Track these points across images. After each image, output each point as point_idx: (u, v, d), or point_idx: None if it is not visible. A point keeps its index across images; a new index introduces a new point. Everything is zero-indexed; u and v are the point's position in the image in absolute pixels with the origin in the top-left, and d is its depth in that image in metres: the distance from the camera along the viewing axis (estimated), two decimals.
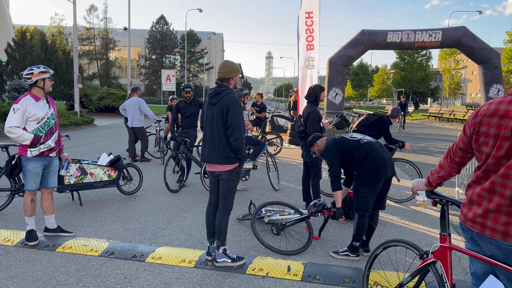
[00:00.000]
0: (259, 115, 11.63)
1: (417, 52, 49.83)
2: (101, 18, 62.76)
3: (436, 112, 31.03)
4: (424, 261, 2.61)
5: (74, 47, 21.12)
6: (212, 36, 73.79)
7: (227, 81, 4.02)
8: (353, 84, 66.49)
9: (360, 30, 17.68)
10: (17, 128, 4.21)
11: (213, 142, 3.95)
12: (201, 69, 70.94)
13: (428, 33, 17.60)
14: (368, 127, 6.76)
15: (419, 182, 2.68)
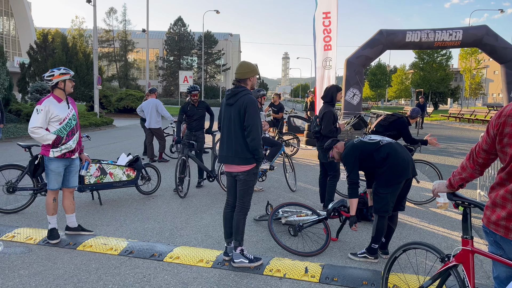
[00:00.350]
0: (276, 115, 11.61)
1: (437, 52, 48.99)
2: (120, 21, 63.85)
3: (456, 113, 30.47)
4: (446, 265, 2.56)
5: (94, 49, 21.50)
6: (229, 37, 74.12)
7: (244, 82, 4.02)
8: (371, 84, 65.80)
9: (378, 30, 17.49)
10: (40, 128, 4.31)
11: (230, 143, 3.97)
12: (218, 70, 71.31)
13: (448, 32, 17.29)
14: (387, 128, 6.68)
15: (440, 184, 2.63)
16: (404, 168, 4.05)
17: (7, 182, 5.65)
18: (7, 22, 49.10)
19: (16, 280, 3.66)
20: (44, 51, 27.92)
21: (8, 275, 3.76)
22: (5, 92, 16.64)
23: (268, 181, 8.13)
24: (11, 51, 49.33)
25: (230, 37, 74.58)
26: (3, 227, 5.04)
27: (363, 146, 4.25)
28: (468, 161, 2.42)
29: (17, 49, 50.14)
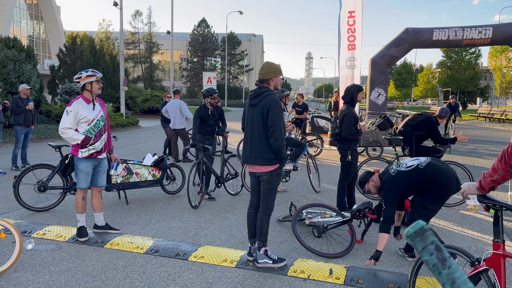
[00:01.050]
0: (299, 116, 11.56)
1: (465, 50, 47.64)
2: (146, 23, 64.86)
3: (486, 113, 29.57)
4: (476, 269, 2.50)
5: (120, 51, 21.96)
6: (252, 38, 74.32)
7: (266, 82, 4.03)
8: (396, 84, 64.60)
9: (404, 29, 17.17)
10: (70, 129, 4.44)
11: (253, 143, 3.98)
12: (241, 71, 71.62)
13: (477, 30, 16.81)
14: (415, 127, 6.53)
15: (470, 186, 2.56)
16: (451, 185, 3.87)
17: (38, 181, 5.84)
18: (38, 26, 50.73)
19: (47, 276, 3.78)
20: (73, 53, 28.71)
21: (39, 271, 3.88)
22: (36, 94, 17.20)
23: (292, 182, 8.11)
24: (42, 54, 50.95)
25: (253, 38, 74.78)
26: (34, 224, 5.21)
27: (402, 180, 3.97)
28: (499, 163, 2.35)
29: (47, 52, 51.74)
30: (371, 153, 11.76)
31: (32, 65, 17.17)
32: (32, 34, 49.81)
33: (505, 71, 45.87)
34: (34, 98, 17.06)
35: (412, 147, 6.63)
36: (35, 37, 50.41)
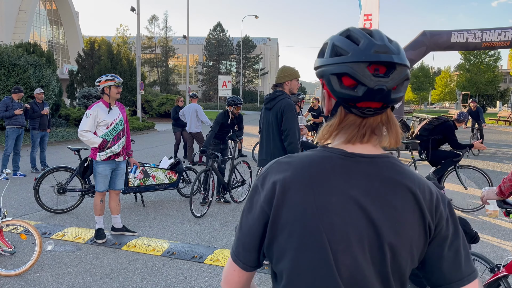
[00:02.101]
0: (316, 120, 11.53)
1: (484, 53, 46.85)
2: (162, 27, 65.78)
3: (506, 116, 28.98)
4: (495, 275, 2.46)
5: (137, 56, 22.28)
6: (267, 41, 74.53)
7: (281, 86, 4.05)
8: (413, 87, 63.87)
9: (421, 31, 16.99)
10: (88, 132, 4.53)
11: (268, 147, 4.01)
12: (256, 75, 71.82)
13: (497, 32, 16.53)
14: (432, 131, 6.46)
15: (489, 190, 2.53)
16: None
17: (58, 184, 5.96)
18: (57, 31, 51.83)
19: (66, 277, 3.85)
20: (91, 58, 29.25)
21: (58, 272, 3.96)
22: (55, 98, 17.57)
23: None
24: (61, 59, 52.01)
25: (268, 41, 74.95)
26: (54, 226, 5.32)
27: None
28: None
29: (66, 56, 52.81)
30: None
31: (52, 69, 17.57)
32: (51, 39, 50.91)
33: None
34: (53, 102, 17.44)
35: (429, 151, 6.55)
36: (55, 42, 51.50)
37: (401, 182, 0.97)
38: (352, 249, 0.92)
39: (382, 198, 0.95)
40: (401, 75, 0.94)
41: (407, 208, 0.95)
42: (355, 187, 0.95)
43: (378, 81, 0.92)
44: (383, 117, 1.01)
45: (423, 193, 0.98)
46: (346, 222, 0.93)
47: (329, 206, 0.94)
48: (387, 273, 0.94)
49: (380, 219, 0.94)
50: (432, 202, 0.98)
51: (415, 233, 0.96)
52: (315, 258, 0.93)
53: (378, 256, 0.93)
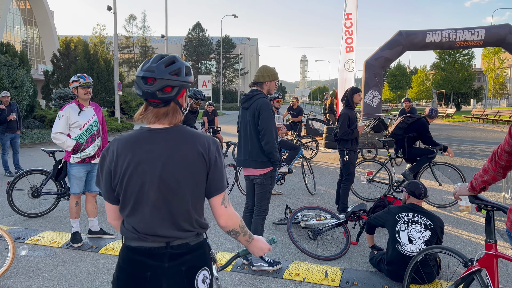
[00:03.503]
0: (295, 119, 11.59)
1: (458, 52, 47.99)
2: (140, 27, 65.05)
3: (479, 114, 29.78)
4: (469, 269, 2.51)
5: (114, 56, 21.92)
6: (246, 41, 74.49)
7: (260, 85, 4.04)
8: (391, 86, 64.94)
9: (398, 31, 17.29)
10: (61, 134, 4.42)
11: (246, 146, 4.00)
12: (236, 74, 71.74)
13: (470, 32, 16.96)
14: (406, 130, 6.61)
15: (461, 186, 2.58)
16: None
17: (32, 187, 5.81)
18: (31, 30, 50.57)
19: (41, 282, 3.75)
20: (67, 58, 28.63)
21: (33, 277, 3.86)
22: (29, 99, 17.12)
23: (287, 185, 8.12)
24: (35, 59, 50.76)
25: (247, 41, 74.92)
26: (28, 230, 5.18)
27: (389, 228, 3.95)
28: (490, 163, 2.37)
29: (41, 57, 51.57)
30: (366, 155, 11.80)
31: (26, 70, 17.11)
32: (25, 39, 49.64)
33: (498, 72, 46.26)
34: (28, 103, 16.99)
35: (405, 149, 6.69)
36: (29, 42, 50.23)
37: (186, 138, 1.66)
38: (156, 180, 1.60)
39: (174, 149, 1.62)
40: (161, 84, 1.60)
41: (189, 151, 1.63)
42: (157, 146, 1.62)
43: (146, 87, 1.61)
44: (169, 107, 1.67)
45: (200, 141, 1.67)
46: (151, 167, 1.60)
47: (142, 159, 1.61)
48: (178, 189, 1.62)
49: (171, 162, 1.61)
50: (204, 144, 1.67)
51: (197, 165, 1.63)
52: (136, 189, 1.62)
53: (172, 182, 1.61)
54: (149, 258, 1.60)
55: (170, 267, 1.60)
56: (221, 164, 1.70)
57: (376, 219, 4.04)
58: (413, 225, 3.77)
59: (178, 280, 1.59)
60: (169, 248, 1.62)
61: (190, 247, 1.65)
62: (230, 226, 1.73)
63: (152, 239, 1.61)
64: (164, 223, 1.62)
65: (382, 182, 7.10)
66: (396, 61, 61.13)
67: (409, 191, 3.97)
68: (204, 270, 1.67)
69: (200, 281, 1.63)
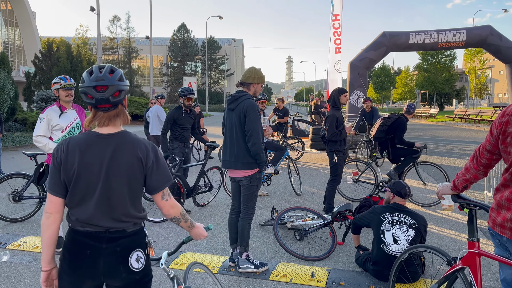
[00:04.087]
0: (281, 120, 11.61)
1: (441, 53, 48.79)
2: (124, 28, 64.25)
3: (462, 114, 30.31)
4: (452, 268, 2.54)
5: (98, 57, 21.66)
6: (232, 42, 74.41)
7: (247, 86, 4.03)
8: (375, 86, 65.65)
9: (381, 32, 17.49)
10: (43, 137, 4.34)
11: (232, 148, 3.97)
12: (221, 76, 71.59)
13: (452, 33, 17.25)
14: (387, 132, 6.75)
15: (444, 186, 2.61)
16: None
17: (13, 191, 5.68)
18: (12, 31, 49.62)
19: None
20: (49, 60, 28.17)
21: (14, 284, 3.77)
22: (10, 102, 16.78)
23: (273, 186, 8.12)
24: (17, 61, 49.81)
25: (233, 42, 74.83)
26: (9, 236, 5.06)
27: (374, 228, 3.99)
28: (471, 162, 2.40)
29: (23, 58, 50.63)
30: (351, 155, 11.89)
31: (7, 72, 16.79)
32: (6, 41, 48.67)
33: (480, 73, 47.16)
34: (8, 105, 16.65)
35: (389, 150, 6.80)
36: (10, 44, 49.28)
37: (128, 144, 1.89)
38: (100, 181, 1.86)
39: (117, 154, 1.87)
40: (113, 90, 1.85)
41: (129, 157, 1.88)
42: (103, 151, 1.87)
43: (99, 95, 1.83)
44: (118, 109, 1.92)
45: (140, 148, 1.91)
46: (97, 169, 1.85)
47: (90, 162, 1.86)
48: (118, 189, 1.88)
49: (114, 166, 1.86)
50: (144, 151, 1.91)
51: (136, 169, 1.89)
52: (83, 186, 1.87)
53: (114, 183, 1.87)
54: (89, 239, 1.87)
55: (107, 248, 1.87)
56: (159, 167, 1.96)
57: (361, 220, 4.06)
58: (397, 224, 3.80)
59: (113, 258, 1.87)
60: (107, 233, 1.89)
61: (126, 233, 1.92)
62: (172, 215, 2.05)
63: (93, 227, 1.88)
64: (105, 216, 1.88)
65: (367, 182, 7.16)
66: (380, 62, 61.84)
67: (394, 190, 4.01)
68: (138, 251, 1.94)
69: (134, 260, 1.93)
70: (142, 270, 1.95)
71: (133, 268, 1.91)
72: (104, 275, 1.87)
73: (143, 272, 1.96)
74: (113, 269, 1.87)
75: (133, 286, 1.94)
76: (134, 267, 1.91)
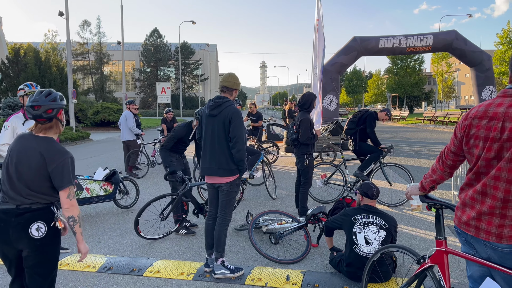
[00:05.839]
0: (255, 124, 11.64)
1: (410, 57, 50.21)
2: (95, 33, 62.95)
3: (430, 116, 31.19)
4: (422, 266, 2.61)
5: (68, 63, 21.15)
6: (206, 47, 74.17)
7: (230, 92, 4.03)
8: (348, 90, 66.82)
9: (352, 37, 17.84)
10: (8, 145, 4.21)
11: (213, 154, 3.93)
12: (196, 80, 71.16)
13: (419, 38, 17.77)
14: (357, 123, 7.00)
15: (413, 186, 2.69)
16: None
17: None
18: None
19: None
20: (16, 66, 27.30)
21: None
22: None
23: (249, 190, 8.13)
24: None
25: (207, 47, 74.58)
26: None
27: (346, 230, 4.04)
28: (438, 164, 2.49)
29: None
30: (325, 158, 12.04)
31: None
32: None
33: (446, 76, 48.70)
34: None
35: (356, 142, 7.01)
36: None
37: (42, 146, 2.51)
38: (16, 168, 2.51)
39: (34, 151, 2.49)
40: (45, 108, 2.52)
41: (34, 155, 2.48)
42: (28, 146, 2.51)
43: (34, 112, 2.51)
44: (52, 122, 2.59)
45: (50, 151, 2.49)
46: (18, 159, 2.51)
47: (16, 152, 2.53)
48: (27, 175, 2.49)
49: (28, 157, 2.49)
50: (50, 156, 2.48)
51: (42, 166, 2.47)
52: (9, 170, 2.54)
53: (24, 170, 2.49)
54: (3, 215, 2.49)
55: (15, 221, 2.46)
56: (59, 171, 2.48)
57: (334, 222, 4.12)
58: (369, 226, 3.88)
59: (19, 229, 2.46)
60: (16, 209, 2.47)
61: (31, 209, 2.49)
62: (70, 213, 2.51)
63: (9, 201, 2.51)
64: (17, 195, 2.49)
65: (337, 184, 7.27)
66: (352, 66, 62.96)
67: (362, 192, 4.09)
68: (38, 222, 2.48)
69: (34, 229, 2.47)
70: (43, 238, 2.49)
71: (32, 236, 2.46)
72: (15, 242, 2.47)
73: (43, 240, 2.50)
74: (18, 237, 2.46)
75: (35, 250, 2.49)
76: (34, 235, 2.46)
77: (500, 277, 2.14)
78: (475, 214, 2.15)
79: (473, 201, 2.17)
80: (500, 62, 31.82)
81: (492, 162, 2.07)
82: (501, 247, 2.06)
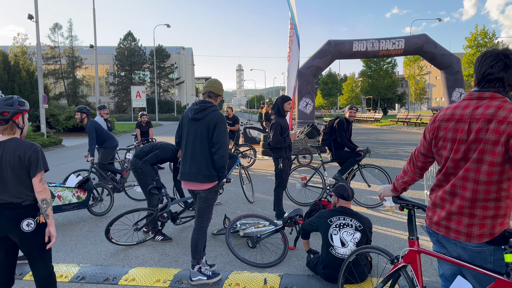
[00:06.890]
0: (232, 128, 11.63)
1: (383, 60, 51.32)
2: (66, 36, 61.33)
3: (404, 117, 31.90)
4: (395, 266, 2.66)
5: (38, 67, 20.59)
6: (181, 50, 73.66)
7: (215, 98, 4.01)
8: (323, 93, 67.64)
9: (327, 41, 18.08)
10: None
11: (195, 159, 3.87)
12: (171, 84, 70.55)
13: (391, 41, 18.18)
14: (330, 133, 7.13)
15: (385, 188, 2.74)
16: None
17: None
18: None
19: None
20: None
21: None
22: None
23: (226, 194, 8.09)
24: None
25: (182, 51, 74.09)
26: None
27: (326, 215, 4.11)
28: (409, 165, 2.54)
29: None
30: (302, 161, 12.13)
31: None
32: None
33: (418, 79, 49.98)
34: None
35: (333, 151, 7.15)
36: None
37: (14, 147, 2.77)
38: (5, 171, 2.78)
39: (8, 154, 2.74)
40: (1, 111, 2.77)
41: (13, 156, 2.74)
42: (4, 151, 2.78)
43: None
44: (8, 124, 2.81)
45: (21, 150, 2.77)
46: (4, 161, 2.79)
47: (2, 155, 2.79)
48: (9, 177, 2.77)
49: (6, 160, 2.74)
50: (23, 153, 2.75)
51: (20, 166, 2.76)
52: None
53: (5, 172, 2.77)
54: None
55: (7, 214, 2.75)
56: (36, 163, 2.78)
57: (310, 225, 4.15)
58: (344, 228, 3.92)
59: (12, 223, 2.76)
60: (8, 204, 2.76)
61: (21, 205, 2.79)
62: (43, 195, 2.80)
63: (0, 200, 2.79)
64: (5, 194, 2.78)
65: (316, 186, 7.33)
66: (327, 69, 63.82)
67: (338, 193, 4.14)
68: (28, 219, 2.79)
69: (25, 225, 2.78)
70: (33, 231, 2.81)
71: (23, 230, 2.79)
72: (6, 231, 2.79)
73: (33, 232, 2.82)
74: (11, 228, 2.78)
75: (25, 240, 2.82)
76: (25, 229, 2.79)
77: (470, 275, 2.20)
78: (445, 214, 2.21)
79: (443, 202, 2.23)
80: (469, 65, 32.91)
81: (460, 163, 2.13)
82: (470, 246, 2.12)
